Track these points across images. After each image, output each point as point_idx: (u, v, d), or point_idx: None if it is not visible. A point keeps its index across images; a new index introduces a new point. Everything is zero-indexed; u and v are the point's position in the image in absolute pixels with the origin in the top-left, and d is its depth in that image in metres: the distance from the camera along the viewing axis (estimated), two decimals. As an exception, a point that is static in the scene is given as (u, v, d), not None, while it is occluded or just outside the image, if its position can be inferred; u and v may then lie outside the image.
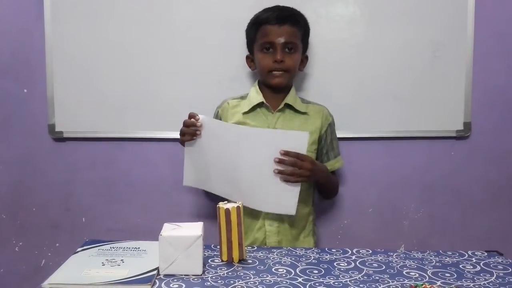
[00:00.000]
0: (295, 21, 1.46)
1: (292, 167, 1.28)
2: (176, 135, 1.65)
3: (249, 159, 1.29)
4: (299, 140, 1.27)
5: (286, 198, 1.31)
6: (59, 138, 1.69)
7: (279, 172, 1.28)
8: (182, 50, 1.65)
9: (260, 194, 1.32)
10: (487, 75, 1.67)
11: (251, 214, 1.43)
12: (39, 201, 1.73)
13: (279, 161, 1.28)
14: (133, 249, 1.18)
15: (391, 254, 1.19)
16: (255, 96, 1.49)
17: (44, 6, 1.63)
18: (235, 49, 1.62)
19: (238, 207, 1.12)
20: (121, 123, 1.67)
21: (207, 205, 1.68)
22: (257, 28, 1.47)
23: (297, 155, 1.28)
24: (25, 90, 1.70)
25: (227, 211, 1.11)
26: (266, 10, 1.48)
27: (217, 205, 1.13)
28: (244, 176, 1.31)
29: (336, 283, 1.01)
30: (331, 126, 1.53)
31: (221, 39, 1.64)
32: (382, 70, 1.65)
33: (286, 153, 1.27)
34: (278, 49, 1.42)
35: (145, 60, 1.65)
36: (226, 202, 1.14)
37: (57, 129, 1.68)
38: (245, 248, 1.15)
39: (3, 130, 1.71)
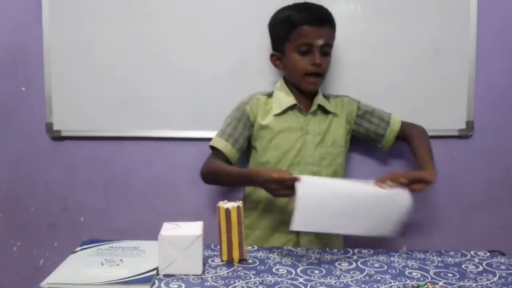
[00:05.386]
0: (333, 22, 1.43)
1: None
2: (174, 133, 1.66)
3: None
4: (403, 198, 1.20)
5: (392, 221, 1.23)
6: (57, 137, 1.68)
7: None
8: (181, 48, 1.63)
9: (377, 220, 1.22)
10: (490, 73, 1.65)
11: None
12: (37, 200, 1.72)
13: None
14: (132, 248, 1.17)
15: (393, 254, 1.19)
16: (286, 97, 1.46)
17: (42, 4, 1.62)
18: (234, 47, 1.60)
19: (238, 207, 1.11)
20: (120, 122, 1.66)
21: (207, 204, 1.67)
22: (291, 27, 1.40)
23: (413, 177, 1.22)
24: (23, 89, 1.68)
25: (227, 211, 1.10)
26: (298, 10, 1.41)
27: (217, 205, 1.12)
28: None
29: (337, 284, 1.01)
30: (360, 108, 1.51)
31: (221, 38, 1.62)
32: (383, 68, 1.63)
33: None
34: (316, 52, 1.38)
35: (144, 58, 1.63)
36: (226, 201, 1.14)
37: (55, 128, 1.66)
38: (245, 248, 1.14)
39: (0, 129, 1.70)
